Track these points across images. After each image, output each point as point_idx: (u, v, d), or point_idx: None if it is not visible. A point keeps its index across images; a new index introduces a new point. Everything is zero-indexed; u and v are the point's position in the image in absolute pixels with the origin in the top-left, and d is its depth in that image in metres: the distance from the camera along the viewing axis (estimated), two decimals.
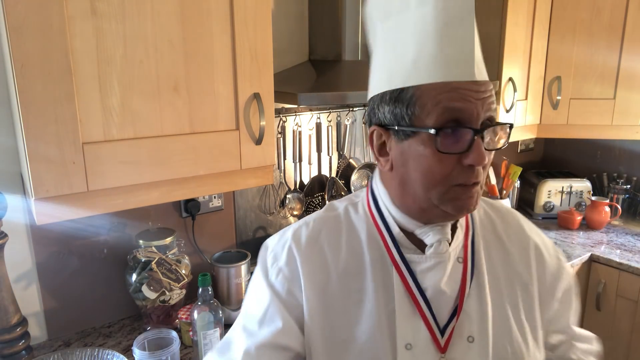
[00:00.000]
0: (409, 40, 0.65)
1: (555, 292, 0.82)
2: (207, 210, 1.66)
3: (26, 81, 0.94)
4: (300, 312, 0.73)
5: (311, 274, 0.73)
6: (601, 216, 2.29)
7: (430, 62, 0.63)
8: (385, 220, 0.74)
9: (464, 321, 0.72)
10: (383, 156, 0.71)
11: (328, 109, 1.82)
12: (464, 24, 0.63)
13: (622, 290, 2.00)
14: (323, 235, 0.77)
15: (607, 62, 2.06)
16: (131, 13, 1.04)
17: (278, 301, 0.74)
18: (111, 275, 1.50)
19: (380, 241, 0.74)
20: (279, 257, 0.76)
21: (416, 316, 0.70)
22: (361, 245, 0.75)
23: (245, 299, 0.81)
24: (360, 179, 1.98)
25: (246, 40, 1.20)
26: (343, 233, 0.77)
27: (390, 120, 0.68)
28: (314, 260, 0.74)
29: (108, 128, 1.06)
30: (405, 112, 0.65)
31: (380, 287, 0.72)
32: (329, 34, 1.67)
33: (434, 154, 0.64)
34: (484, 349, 0.71)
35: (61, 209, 1.03)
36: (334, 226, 0.78)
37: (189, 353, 1.37)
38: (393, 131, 0.68)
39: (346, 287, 0.73)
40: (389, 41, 0.69)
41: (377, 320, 0.70)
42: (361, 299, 0.72)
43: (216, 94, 1.19)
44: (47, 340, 1.43)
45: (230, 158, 1.23)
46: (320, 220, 0.79)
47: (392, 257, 0.72)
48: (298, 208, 1.83)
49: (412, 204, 0.70)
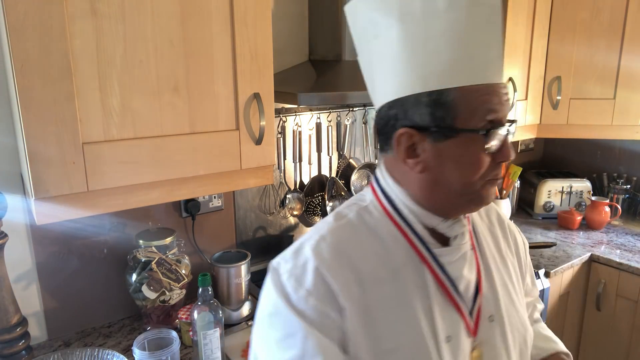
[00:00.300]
0: (442, 43, 0.66)
1: (527, 263, 0.91)
2: (207, 210, 1.66)
3: (26, 81, 0.94)
4: (339, 332, 0.68)
5: (346, 289, 0.68)
6: (601, 216, 2.29)
7: (468, 64, 0.66)
8: (406, 218, 0.73)
9: (484, 303, 0.76)
10: (412, 158, 0.70)
11: (328, 109, 1.82)
12: (493, 27, 0.67)
13: (622, 290, 2.00)
14: (345, 245, 0.72)
15: (607, 62, 2.06)
16: (131, 13, 1.04)
17: (314, 329, 0.66)
18: (111, 275, 1.50)
19: (403, 240, 0.73)
20: (304, 280, 0.69)
21: (451, 308, 0.73)
22: (386, 248, 0.73)
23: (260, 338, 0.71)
24: (360, 179, 1.98)
25: (246, 41, 1.20)
26: (364, 239, 0.73)
27: (428, 122, 0.67)
28: (344, 273, 0.69)
29: (108, 128, 1.06)
30: (447, 113, 0.66)
31: (414, 287, 0.72)
32: (329, 34, 1.67)
33: (477, 153, 0.67)
34: (502, 325, 0.77)
35: (61, 209, 1.04)
36: (353, 233, 0.74)
37: (189, 353, 1.37)
38: (429, 133, 0.67)
39: (381, 293, 0.70)
40: (415, 42, 0.67)
41: (418, 321, 0.70)
42: (399, 303, 0.71)
43: (216, 94, 1.19)
44: (47, 340, 1.43)
45: (230, 158, 1.23)
46: (337, 230, 0.74)
47: (420, 254, 0.73)
48: (298, 208, 1.83)
49: (443, 201, 0.71)
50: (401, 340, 0.69)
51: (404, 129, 0.68)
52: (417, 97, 0.67)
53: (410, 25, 0.67)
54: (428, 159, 0.69)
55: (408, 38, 0.67)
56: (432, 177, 0.70)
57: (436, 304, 0.71)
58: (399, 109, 0.69)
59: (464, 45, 0.66)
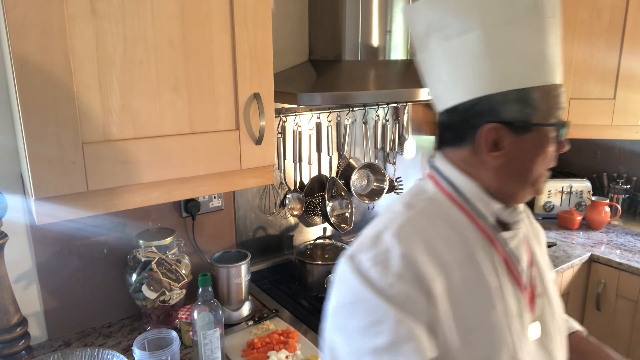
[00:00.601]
0: (525, 46, 0.73)
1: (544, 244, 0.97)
2: (207, 210, 1.66)
3: (26, 81, 0.94)
4: (427, 317, 0.70)
5: (433, 273, 0.71)
6: (601, 216, 2.29)
7: (546, 65, 0.74)
8: (474, 206, 0.79)
9: (536, 281, 0.84)
10: (494, 151, 0.75)
11: (328, 109, 1.82)
12: (558, 34, 0.76)
13: (622, 290, 2.00)
14: (425, 232, 0.75)
15: (607, 62, 2.06)
16: (131, 13, 1.04)
17: (404, 315, 0.68)
18: (111, 275, 1.50)
19: (472, 226, 0.78)
20: (390, 266, 0.70)
21: (515, 286, 0.79)
22: (459, 233, 0.77)
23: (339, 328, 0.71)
24: (360, 179, 1.98)
25: (246, 41, 1.20)
26: (439, 225, 0.77)
27: (515, 118, 0.73)
28: (429, 258, 0.72)
29: (108, 128, 1.06)
30: (531, 110, 0.73)
31: (487, 268, 0.77)
32: (329, 34, 1.67)
33: (548, 146, 0.75)
34: (550, 302, 0.84)
35: (61, 209, 1.04)
36: (428, 221, 0.77)
37: (189, 353, 1.37)
38: (513, 127, 0.73)
39: (462, 276, 0.74)
40: (500, 45, 0.73)
41: (492, 300, 0.75)
42: (476, 284, 0.75)
43: (216, 94, 1.19)
44: (47, 340, 1.43)
45: (230, 158, 1.23)
46: (413, 218, 0.77)
47: (490, 238, 0.78)
48: (298, 208, 1.83)
49: (514, 190, 0.78)
50: (481, 319, 0.74)
51: (491, 124, 0.73)
52: (505, 94, 0.73)
53: (493, 29, 0.73)
54: (510, 152, 0.74)
55: (492, 41, 0.73)
56: (510, 168, 0.76)
57: (504, 283, 0.77)
58: (485, 105, 0.74)
59: (543, 49, 0.74)
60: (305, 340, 1.42)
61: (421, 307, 0.69)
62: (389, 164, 2.08)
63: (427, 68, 0.82)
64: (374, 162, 1.97)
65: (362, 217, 2.09)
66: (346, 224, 1.91)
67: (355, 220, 1.98)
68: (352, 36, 1.62)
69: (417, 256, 0.71)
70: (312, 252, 1.85)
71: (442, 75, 0.78)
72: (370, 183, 2.00)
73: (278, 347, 1.35)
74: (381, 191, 1.98)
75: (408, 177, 2.19)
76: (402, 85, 1.56)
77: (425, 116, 2.19)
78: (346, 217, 1.93)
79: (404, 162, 2.16)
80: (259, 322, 1.51)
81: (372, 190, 2.00)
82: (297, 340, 1.41)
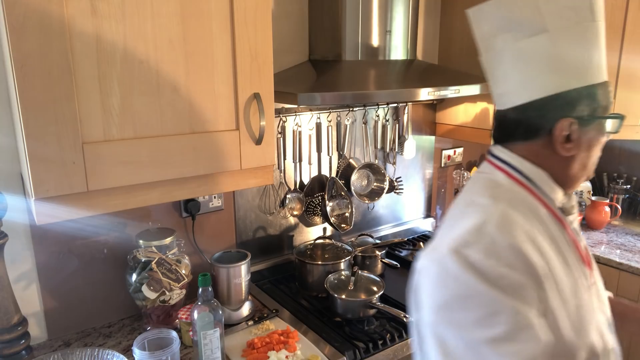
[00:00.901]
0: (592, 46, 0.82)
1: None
2: (207, 210, 1.66)
3: (26, 81, 0.94)
4: (540, 304, 0.74)
5: (539, 260, 0.75)
6: (601, 216, 2.29)
7: (603, 63, 0.83)
8: (545, 193, 0.85)
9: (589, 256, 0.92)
10: (567, 144, 0.82)
11: (328, 109, 1.82)
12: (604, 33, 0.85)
13: (622, 290, 2.00)
14: (520, 222, 0.79)
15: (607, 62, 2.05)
16: (131, 13, 1.04)
17: (521, 304, 0.71)
18: (111, 275, 1.50)
19: (547, 211, 0.85)
20: (501, 257, 0.73)
21: (582, 264, 0.87)
22: (542, 221, 0.83)
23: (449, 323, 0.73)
24: (360, 179, 1.98)
25: (246, 41, 1.20)
26: (527, 214, 0.82)
27: (587, 112, 0.81)
28: (532, 247, 0.76)
29: (108, 128, 1.06)
30: (597, 104, 0.82)
31: (567, 250, 0.84)
32: (329, 34, 1.67)
33: (603, 136, 0.84)
34: (594, 270, 0.91)
35: (61, 209, 1.04)
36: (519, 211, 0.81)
37: (189, 353, 1.37)
38: (582, 120, 0.81)
39: (555, 259, 0.80)
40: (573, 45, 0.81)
41: (575, 276, 0.83)
42: (564, 264, 0.82)
43: (216, 94, 1.19)
44: (47, 340, 1.43)
45: (230, 158, 1.23)
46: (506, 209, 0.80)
47: (561, 222, 0.85)
48: (298, 208, 1.83)
49: (577, 178, 0.86)
50: (576, 298, 0.80)
51: (566, 119, 0.80)
52: (578, 91, 0.80)
53: (561, 31, 0.80)
54: (580, 143, 0.82)
55: (562, 42, 0.80)
56: (578, 158, 0.84)
57: (576, 261, 0.85)
58: (561, 101, 0.81)
59: (600, 49, 0.82)
60: (305, 340, 1.42)
61: (533, 294, 0.73)
62: (389, 164, 2.08)
63: (492, 68, 0.88)
64: (374, 162, 1.97)
65: (362, 217, 2.09)
66: (346, 224, 1.91)
67: (355, 220, 1.98)
68: (352, 36, 1.62)
69: (522, 245, 0.75)
70: (312, 252, 1.85)
71: (513, 74, 0.84)
72: (370, 183, 2.00)
73: (278, 347, 1.35)
74: (381, 191, 1.98)
75: (408, 177, 2.19)
76: (402, 85, 1.56)
77: (425, 116, 2.19)
78: (346, 217, 1.93)
79: (404, 162, 2.16)
80: (259, 322, 1.51)
81: (372, 190, 2.00)
82: (297, 340, 1.41)
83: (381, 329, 1.51)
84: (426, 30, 2.06)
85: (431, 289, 0.76)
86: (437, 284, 0.75)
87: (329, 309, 1.59)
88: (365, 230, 2.09)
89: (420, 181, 2.27)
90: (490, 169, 0.88)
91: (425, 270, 0.77)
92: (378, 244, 1.94)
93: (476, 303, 0.71)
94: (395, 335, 1.46)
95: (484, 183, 0.87)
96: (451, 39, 2.06)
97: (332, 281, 1.62)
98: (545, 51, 0.81)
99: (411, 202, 2.26)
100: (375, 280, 1.63)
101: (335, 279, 1.63)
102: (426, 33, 2.06)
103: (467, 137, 2.09)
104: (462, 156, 2.41)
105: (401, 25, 1.68)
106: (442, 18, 2.08)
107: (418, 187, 2.27)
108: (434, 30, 2.09)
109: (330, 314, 1.58)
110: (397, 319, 1.51)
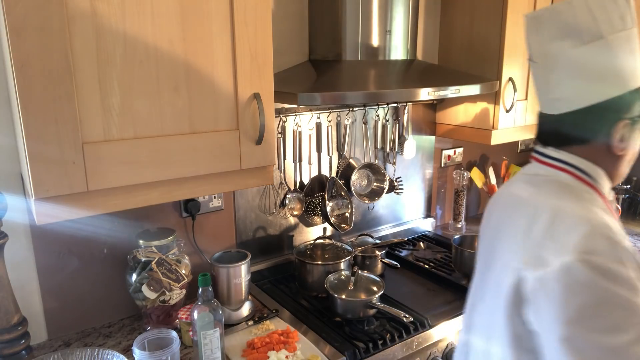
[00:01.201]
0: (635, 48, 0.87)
1: None
2: (207, 210, 1.66)
3: (26, 81, 0.94)
4: None
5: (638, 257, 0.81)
6: None
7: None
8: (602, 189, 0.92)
9: None
10: (621, 143, 0.88)
11: (328, 109, 1.82)
12: None
13: None
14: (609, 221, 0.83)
15: None
16: (131, 13, 1.04)
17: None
18: (111, 275, 1.50)
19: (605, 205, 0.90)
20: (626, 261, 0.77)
21: None
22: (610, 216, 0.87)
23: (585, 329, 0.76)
24: (360, 179, 1.98)
25: (246, 41, 1.20)
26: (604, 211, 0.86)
27: (638, 113, 0.87)
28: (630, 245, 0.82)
29: (108, 128, 1.06)
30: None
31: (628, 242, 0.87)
32: (329, 34, 1.67)
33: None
34: None
35: (61, 209, 1.04)
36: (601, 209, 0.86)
37: (189, 353, 1.37)
38: (634, 121, 0.87)
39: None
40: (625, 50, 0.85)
41: None
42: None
43: (216, 94, 1.19)
44: (47, 340, 1.43)
45: (230, 158, 1.23)
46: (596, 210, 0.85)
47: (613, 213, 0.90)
48: (298, 208, 1.83)
49: (624, 172, 0.93)
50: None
51: (623, 120, 0.86)
52: (633, 93, 0.86)
53: (617, 38, 0.85)
54: (631, 142, 0.89)
55: (617, 46, 0.85)
56: (627, 155, 0.91)
57: None
58: (619, 104, 0.86)
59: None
60: (305, 340, 1.42)
61: None
62: (389, 164, 2.08)
63: (546, 73, 0.91)
64: (374, 162, 1.97)
65: (362, 217, 2.09)
66: (346, 224, 1.91)
67: (355, 220, 1.98)
68: (352, 36, 1.62)
69: (629, 245, 0.80)
70: (312, 252, 1.85)
71: (571, 80, 0.87)
72: (370, 183, 2.00)
73: (278, 347, 1.35)
74: (381, 191, 1.98)
75: (408, 177, 2.20)
76: (402, 85, 1.56)
77: (425, 116, 2.19)
78: (346, 217, 1.93)
79: (404, 162, 2.16)
80: (259, 322, 1.51)
81: (372, 190, 2.00)
82: (297, 340, 1.41)
83: (381, 329, 1.51)
84: (426, 30, 2.06)
85: (559, 303, 0.77)
86: (567, 297, 0.76)
87: (329, 309, 1.59)
88: (365, 230, 2.09)
89: (420, 181, 2.27)
90: (548, 170, 0.93)
91: (545, 288, 0.78)
92: (378, 244, 1.94)
93: (617, 308, 0.74)
94: (395, 335, 1.46)
95: (557, 186, 0.91)
96: (451, 39, 2.05)
97: (332, 281, 1.62)
98: (602, 57, 0.85)
99: (411, 202, 2.26)
100: (375, 280, 1.63)
101: (335, 279, 1.63)
102: (426, 33, 2.06)
103: (467, 137, 2.09)
104: (462, 156, 2.41)
105: (401, 25, 1.68)
106: (442, 18, 2.08)
107: (418, 187, 2.27)
108: (434, 30, 2.09)
109: (330, 314, 1.58)
110: (397, 319, 1.51)
